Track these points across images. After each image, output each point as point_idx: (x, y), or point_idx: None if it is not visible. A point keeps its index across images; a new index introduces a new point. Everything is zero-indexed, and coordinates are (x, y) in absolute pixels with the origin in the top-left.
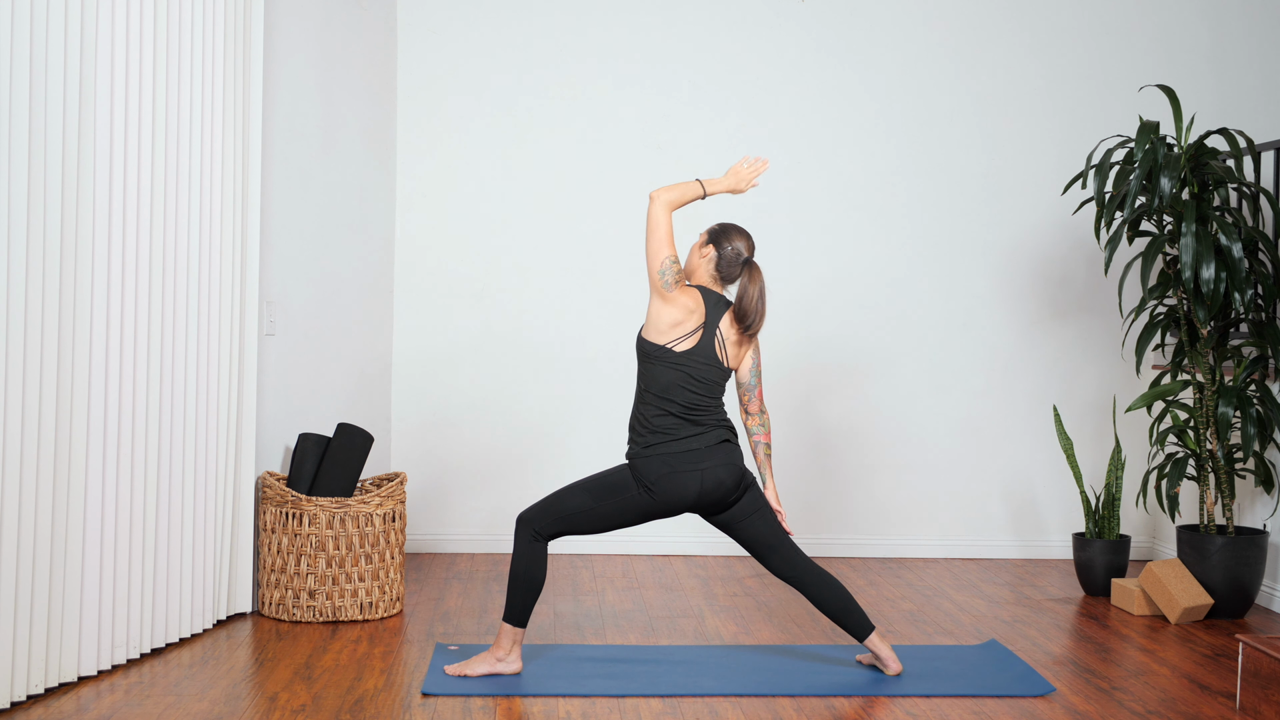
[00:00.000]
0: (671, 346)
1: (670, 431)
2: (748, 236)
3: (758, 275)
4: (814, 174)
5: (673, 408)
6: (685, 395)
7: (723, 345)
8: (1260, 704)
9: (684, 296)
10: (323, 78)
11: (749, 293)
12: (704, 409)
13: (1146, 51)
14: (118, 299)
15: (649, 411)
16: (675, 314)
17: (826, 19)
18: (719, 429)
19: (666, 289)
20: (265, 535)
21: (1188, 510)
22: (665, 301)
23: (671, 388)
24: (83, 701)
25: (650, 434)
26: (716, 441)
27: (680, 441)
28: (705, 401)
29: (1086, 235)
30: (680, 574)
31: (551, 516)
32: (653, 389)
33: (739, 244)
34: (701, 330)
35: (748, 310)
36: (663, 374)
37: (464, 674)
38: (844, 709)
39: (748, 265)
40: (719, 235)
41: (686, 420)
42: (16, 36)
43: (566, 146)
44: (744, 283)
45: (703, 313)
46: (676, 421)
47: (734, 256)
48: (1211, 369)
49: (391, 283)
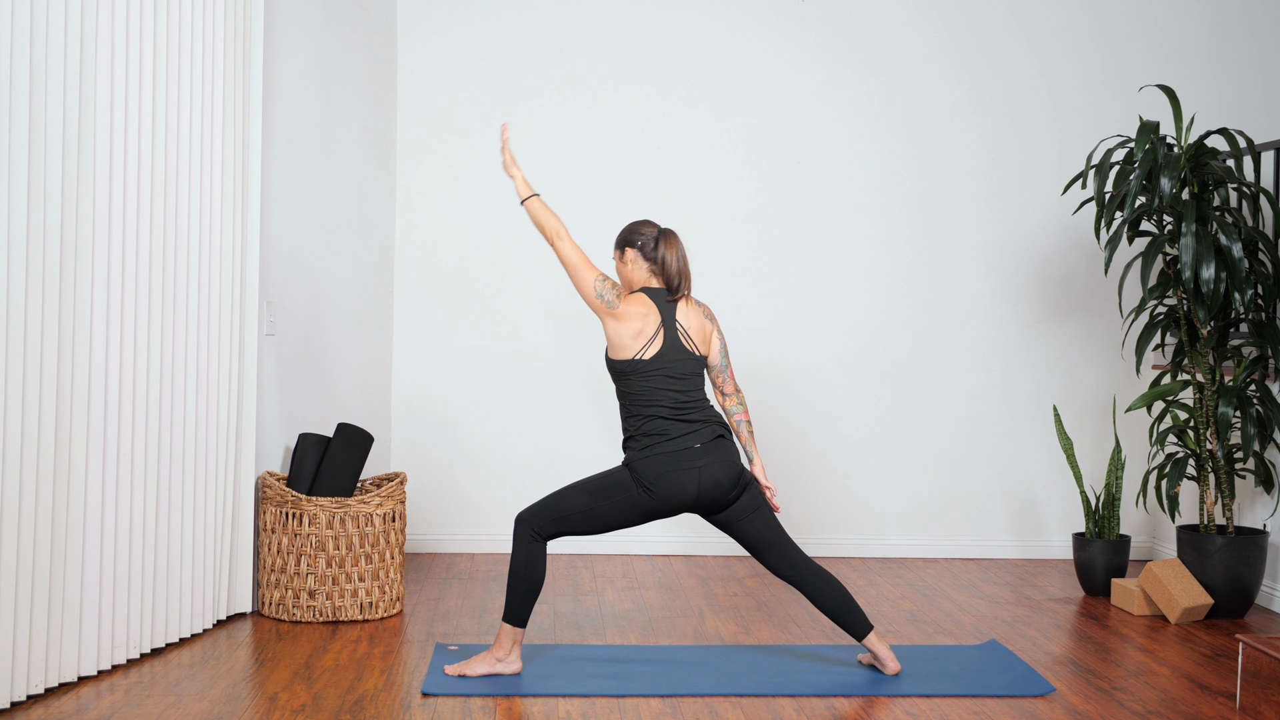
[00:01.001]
0: (640, 356)
1: (664, 433)
2: (646, 221)
3: (673, 241)
4: (814, 174)
5: (661, 411)
6: (669, 396)
7: (686, 335)
8: (1260, 704)
9: (632, 305)
10: (323, 78)
11: (668, 259)
12: (691, 405)
13: (1146, 51)
14: (118, 299)
15: (638, 420)
16: (632, 324)
17: (826, 19)
18: (711, 425)
19: (612, 306)
20: (265, 535)
21: (1188, 510)
22: (618, 319)
23: (653, 393)
24: (83, 701)
25: (645, 438)
26: (711, 438)
27: (675, 440)
28: (690, 397)
29: (1086, 235)
30: (680, 574)
31: (550, 517)
32: (637, 401)
33: (647, 230)
34: (662, 329)
35: (671, 275)
36: (641, 384)
37: (464, 674)
38: (844, 709)
39: (662, 237)
40: (629, 236)
41: (677, 420)
42: (16, 36)
43: (566, 146)
44: (662, 252)
45: (656, 311)
46: (667, 423)
47: (650, 241)
48: (1211, 369)
49: (391, 283)
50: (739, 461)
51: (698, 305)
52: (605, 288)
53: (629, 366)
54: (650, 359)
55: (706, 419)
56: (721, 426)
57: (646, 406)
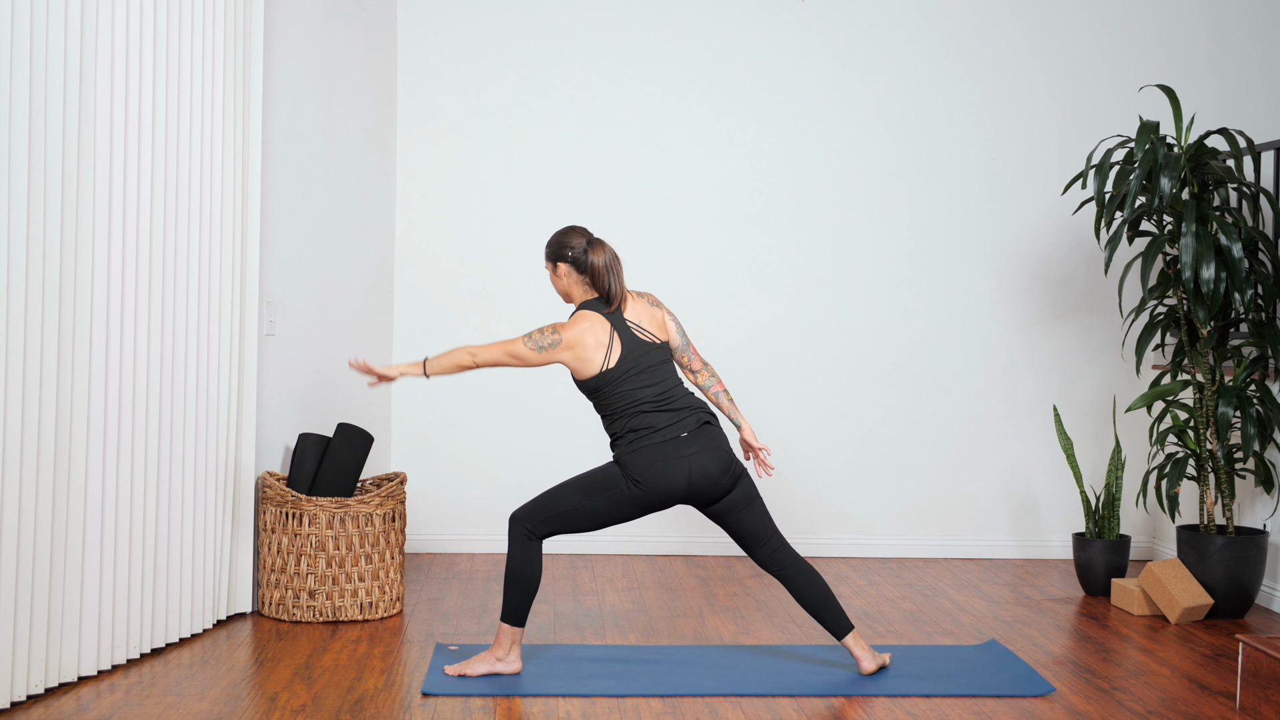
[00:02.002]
0: (605, 367)
1: (650, 426)
2: (574, 230)
3: (602, 249)
4: (814, 174)
5: (644, 406)
6: (646, 392)
7: (640, 329)
8: (1260, 704)
9: (576, 328)
10: (323, 78)
11: (598, 269)
12: (669, 393)
13: (1146, 51)
14: (118, 299)
15: (623, 421)
16: (588, 343)
17: (826, 19)
18: (696, 412)
19: (555, 346)
20: (265, 535)
21: (1188, 510)
22: (570, 348)
23: (630, 395)
24: (83, 701)
25: (632, 434)
26: (697, 425)
27: (661, 431)
28: (666, 386)
29: (1086, 235)
30: (680, 574)
31: (543, 515)
32: (616, 407)
33: (575, 241)
34: (616, 333)
35: (603, 285)
36: (615, 391)
37: (463, 674)
38: (844, 709)
39: (591, 247)
40: (558, 250)
41: (661, 410)
42: (16, 36)
43: (566, 146)
44: (592, 262)
45: (603, 319)
46: (652, 416)
47: (581, 253)
48: (1211, 369)
49: (391, 283)
50: (729, 450)
51: (639, 296)
52: (539, 339)
53: (598, 381)
54: (616, 365)
55: (689, 405)
56: (706, 413)
57: (628, 408)
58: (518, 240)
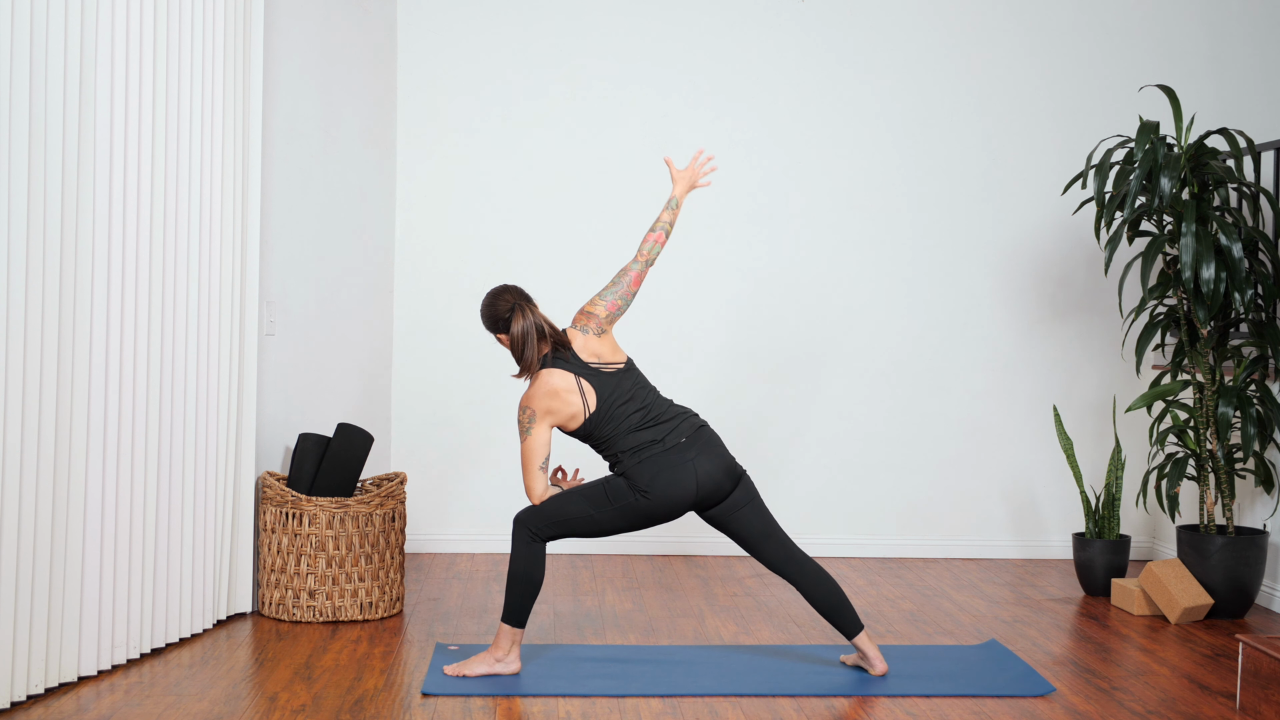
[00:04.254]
0: (589, 414)
1: (649, 440)
2: (502, 294)
3: (527, 310)
4: (814, 174)
5: (635, 427)
6: (635, 416)
7: (600, 361)
8: (1260, 704)
9: (539, 395)
10: (323, 78)
11: (528, 334)
12: (656, 410)
13: (1146, 51)
14: (118, 299)
15: (619, 444)
16: (566, 399)
17: (827, 19)
18: (688, 418)
19: (534, 417)
20: (265, 535)
21: (1188, 510)
22: (550, 413)
23: (620, 425)
24: (83, 701)
25: (633, 451)
26: (693, 430)
27: (661, 443)
28: (649, 402)
29: (1086, 235)
30: (680, 574)
31: (548, 520)
32: (610, 437)
33: (502, 307)
34: (584, 377)
35: (545, 339)
36: (605, 426)
37: (463, 674)
38: (844, 709)
39: (515, 313)
40: (493, 323)
41: (654, 425)
42: (16, 36)
43: (566, 146)
44: (523, 328)
45: (563, 371)
46: (647, 433)
47: (513, 319)
48: (1211, 369)
49: (391, 283)
50: (727, 450)
51: (577, 331)
52: (524, 424)
53: (587, 427)
54: (597, 406)
55: (677, 414)
56: (696, 417)
57: (621, 434)
58: (518, 240)
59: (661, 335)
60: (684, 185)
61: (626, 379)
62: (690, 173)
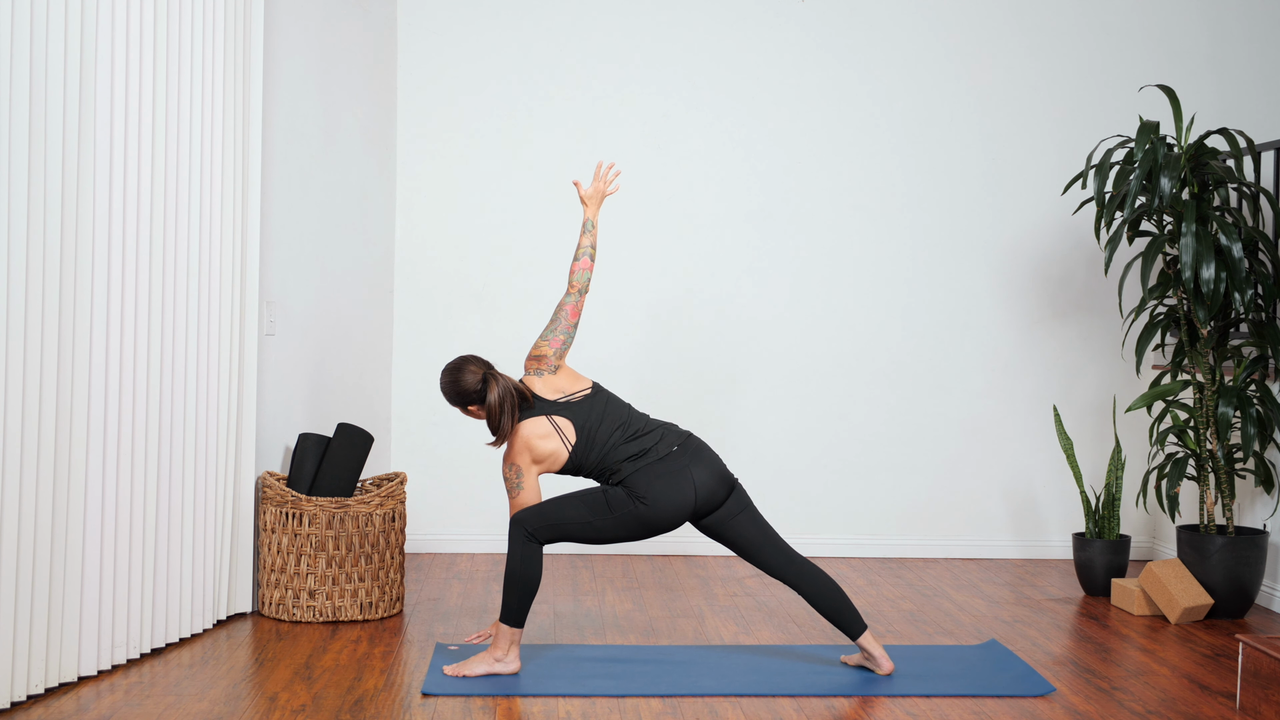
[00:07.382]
0: (572, 449)
1: (639, 451)
2: (464, 365)
3: (495, 380)
4: (814, 174)
5: (618, 440)
6: (617, 434)
7: (568, 396)
8: (1260, 704)
9: (520, 449)
10: (323, 78)
11: (503, 401)
12: (637, 425)
13: (1146, 51)
14: (118, 299)
15: (611, 461)
16: (546, 444)
17: (827, 19)
18: (671, 428)
19: (522, 471)
20: (265, 535)
21: (1188, 510)
22: (538, 461)
23: (606, 444)
24: (83, 701)
25: (629, 461)
26: (681, 438)
27: (653, 452)
28: (627, 418)
29: (1086, 235)
30: (680, 574)
31: (545, 522)
32: (602, 464)
33: (469, 380)
34: (556, 415)
35: (497, 422)
36: (591, 453)
37: (462, 674)
38: (844, 709)
39: (486, 385)
40: (462, 400)
41: (638, 437)
42: (16, 36)
43: (566, 147)
44: (498, 396)
45: (537, 420)
46: (634, 445)
47: (484, 391)
48: (1211, 369)
49: (391, 283)
50: (720, 461)
51: (534, 376)
52: (512, 479)
53: (574, 459)
54: (578, 439)
55: (659, 425)
56: (680, 428)
57: (609, 454)
58: (518, 240)
59: (662, 335)
60: (594, 205)
61: (597, 401)
62: (597, 190)
